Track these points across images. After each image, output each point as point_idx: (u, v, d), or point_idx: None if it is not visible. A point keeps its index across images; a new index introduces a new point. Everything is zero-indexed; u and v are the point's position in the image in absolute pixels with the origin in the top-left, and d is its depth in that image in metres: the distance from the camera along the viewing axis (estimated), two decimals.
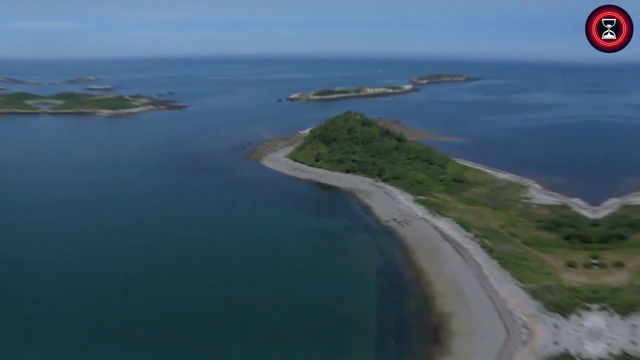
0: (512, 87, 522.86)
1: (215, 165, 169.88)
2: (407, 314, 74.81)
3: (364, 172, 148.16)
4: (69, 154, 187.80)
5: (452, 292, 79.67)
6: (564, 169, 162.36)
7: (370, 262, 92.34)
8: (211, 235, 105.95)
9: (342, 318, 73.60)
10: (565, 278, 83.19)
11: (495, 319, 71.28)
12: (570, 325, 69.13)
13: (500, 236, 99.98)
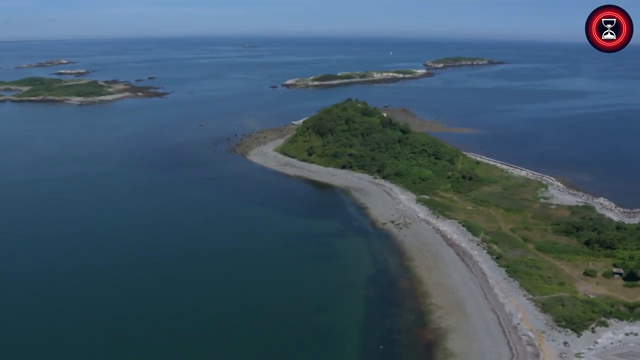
0: (541, 71, 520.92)
1: (195, 160, 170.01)
2: (398, 330, 74.31)
3: (362, 167, 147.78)
4: (28, 148, 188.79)
5: (452, 305, 79.21)
6: (592, 165, 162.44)
7: (361, 271, 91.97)
8: (182, 241, 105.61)
9: (322, 335, 73.26)
10: (582, 289, 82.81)
11: (498, 336, 70.77)
12: (582, 342, 68.59)
13: (511, 241, 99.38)
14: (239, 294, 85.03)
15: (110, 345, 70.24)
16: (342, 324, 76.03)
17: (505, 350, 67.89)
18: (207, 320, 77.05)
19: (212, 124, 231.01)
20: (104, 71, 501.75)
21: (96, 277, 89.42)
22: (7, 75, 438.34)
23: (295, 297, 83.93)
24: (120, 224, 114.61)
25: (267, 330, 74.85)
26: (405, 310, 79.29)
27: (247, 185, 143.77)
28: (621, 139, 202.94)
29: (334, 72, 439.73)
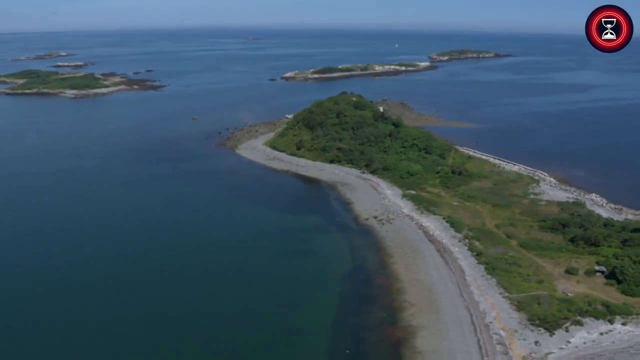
0: (548, 64, 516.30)
1: (184, 155, 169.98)
2: (368, 327, 73.85)
3: (350, 162, 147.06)
4: (18, 141, 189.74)
5: (425, 302, 78.65)
6: (589, 160, 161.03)
7: (338, 267, 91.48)
8: (160, 235, 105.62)
9: (291, 332, 72.97)
10: (561, 287, 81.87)
11: (468, 335, 70.14)
12: (554, 341, 67.86)
13: (494, 237, 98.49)
14: (211, 290, 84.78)
15: (80, 342, 70.49)
16: (313, 321, 75.66)
17: (474, 349, 67.28)
18: (174, 317, 76.91)
19: (205, 118, 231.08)
20: (103, 64, 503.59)
21: (72, 272, 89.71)
22: (5, 67, 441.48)
23: (268, 294, 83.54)
24: (101, 218, 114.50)
25: (236, 327, 74.64)
26: (378, 307, 78.86)
27: (232, 179, 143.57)
28: (622, 134, 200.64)
29: (336, 64, 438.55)
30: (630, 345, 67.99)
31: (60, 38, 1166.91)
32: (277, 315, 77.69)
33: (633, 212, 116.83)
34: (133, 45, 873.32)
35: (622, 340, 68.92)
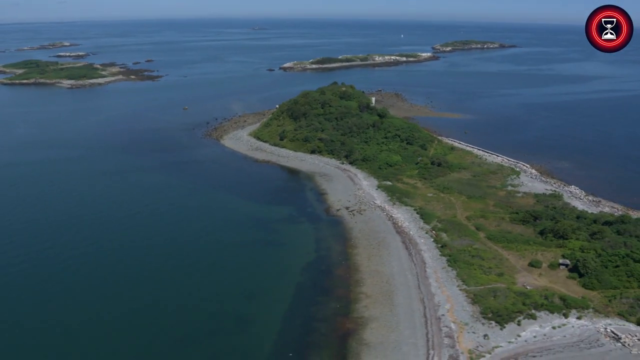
0: (552, 55, 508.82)
1: (169, 145, 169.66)
2: (320, 318, 73.21)
3: (331, 152, 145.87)
4: (7, 131, 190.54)
5: (381, 294, 77.80)
6: (576, 152, 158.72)
7: (301, 257, 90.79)
8: (129, 226, 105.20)
9: (243, 322, 72.60)
10: (522, 280, 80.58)
11: (418, 327, 69.24)
12: (503, 335, 66.74)
13: (462, 229, 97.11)
14: (171, 280, 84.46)
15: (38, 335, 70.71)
16: (266, 311, 75.22)
17: (422, 341, 66.40)
18: (129, 305, 76.88)
19: (196, 108, 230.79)
20: (105, 54, 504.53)
21: (37, 263, 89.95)
22: (8, 58, 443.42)
23: (228, 284, 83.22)
24: (74, 209, 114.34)
25: (190, 316, 74.35)
26: (334, 298, 78.14)
27: (213, 169, 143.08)
28: (615, 127, 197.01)
29: (340, 55, 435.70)
30: (582, 339, 66.75)
31: (67, 28, 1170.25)
32: (233, 304, 77.40)
33: (611, 205, 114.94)
34: (138, 36, 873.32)
35: (574, 334, 67.68)
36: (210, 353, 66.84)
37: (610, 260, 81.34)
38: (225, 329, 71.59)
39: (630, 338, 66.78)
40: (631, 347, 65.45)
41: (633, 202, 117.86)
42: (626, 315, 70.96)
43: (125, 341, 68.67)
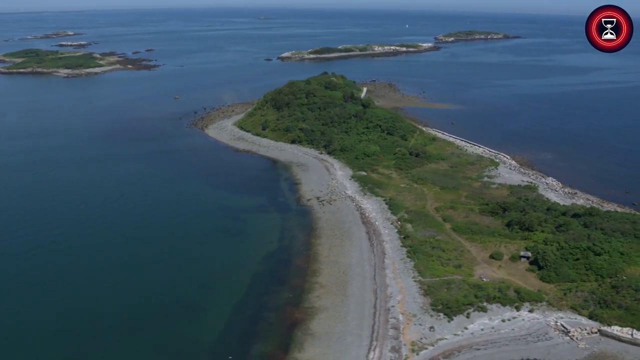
0: (556, 47, 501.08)
1: (154, 134, 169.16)
2: (271, 307, 72.66)
3: (311, 142, 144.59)
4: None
5: (335, 285, 76.94)
6: (561, 144, 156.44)
7: (263, 247, 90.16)
8: (100, 215, 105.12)
9: (194, 310, 72.28)
10: (480, 272, 79.35)
11: (366, 318, 68.35)
12: (450, 327, 65.70)
13: (428, 221, 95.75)
14: (130, 268, 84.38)
15: None
16: (219, 300, 74.84)
17: (367, 332, 65.54)
18: (85, 292, 76.83)
19: (187, 98, 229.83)
20: (107, 43, 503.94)
21: None
22: (11, 46, 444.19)
23: (186, 272, 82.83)
24: (46, 198, 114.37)
25: (143, 304, 74.26)
26: (288, 288, 77.50)
27: (191, 159, 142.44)
28: (605, 119, 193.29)
29: (342, 45, 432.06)
30: (530, 332, 65.58)
31: (73, 17, 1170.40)
32: (187, 293, 77.14)
33: (587, 197, 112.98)
34: (143, 25, 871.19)
35: (523, 327, 66.49)
36: (156, 341, 66.51)
37: (571, 253, 79.77)
38: (175, 318, 71.18)
39: (580, 332, 65.52)
40: (579, 341, 64.24)
41: (610, 194, 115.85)
42: (579, 309, 69.57)
43: (73, 329, 68.61)
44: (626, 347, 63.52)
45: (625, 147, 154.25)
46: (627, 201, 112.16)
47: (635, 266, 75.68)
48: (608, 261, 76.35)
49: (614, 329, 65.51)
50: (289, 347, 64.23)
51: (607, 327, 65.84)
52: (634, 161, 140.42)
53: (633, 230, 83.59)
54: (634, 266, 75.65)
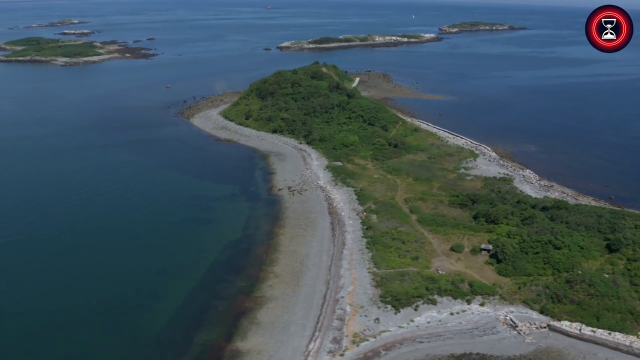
0: (561, 38, 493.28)
1: (140, 122, 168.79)
2: (223, 296, 72.30)
3: (292, 132, 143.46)
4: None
5: (291, 275, 76.26)
6: (547, 137, 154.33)
7: (226, 236, 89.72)
8: (70, 202, 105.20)
9: (147, 297, 72.23)
10: (437, 265, 78.25)
11: (314, 309, 67.59)
12: (396, 319, 64.81)
13: (395, 212, 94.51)
14: (92, 254, 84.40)
15: None
16: (174, 288, 74.62)
17: (311, 323, 64.83)
18: (41, 277, 76.92)
19: (180, 86, 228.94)
20: (110, 31, 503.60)
21: None
22: (15, 34, 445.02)
23: (146, 259, 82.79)
24: (25, 185, 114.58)
25: (98, 291, 74.15)
26: (243, 276, 77.06)
27: (172, 148, 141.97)
28: (597, 112, 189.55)
29: (345, 34, 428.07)
30: (477, 326, 64.56)
31: (81, 5, 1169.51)
32: (143, 280, 77.15)
33: (562, 190, 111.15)
34: (149, 14, 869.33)
35: (471, 321, 65.46)
36: (105, 327, 66.42)
37: (531, 247, 78.38)
38: (127, 304, 71.23)
39: (528, 326, 64.38)
40: (526, 336, 63.14)
41: (588, 187, 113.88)
42: (531, 303, 68.41)
43: (24, 315, 68.67)
44: (573, 342, 62.47)
45: (613, 141, 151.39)
46: (604, 194, 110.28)
47: (593, 260, 74.29)
48: (566, 255, 74.93)
49: (563, 324, 64.41)
50: (232, 336, 63.86)
51: (557, 322, 64.76)
52: (618, 155, 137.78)
53: (597, 224, 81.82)
54: (592, 260, 74.27)
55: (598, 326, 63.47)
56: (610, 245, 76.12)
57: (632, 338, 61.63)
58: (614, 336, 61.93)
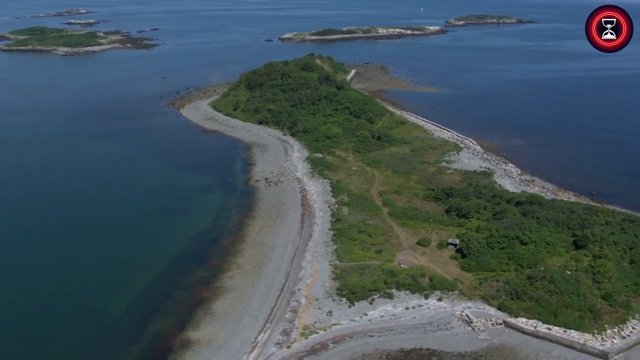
0: (567, 32, 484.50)
1: (130, 113, 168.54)
2: (183, 286, 72.13)
3: (277, 124, 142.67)
4: None
5: (253, 266, 75.84)
6: (538, 131, 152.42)
7: (195, 226, 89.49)
8: (49, 189, 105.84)
9: (108, 285, 72.30)
10: (401, 258, 77.41)
11: (269, 300, 67.10)
12: (349, 313, 64.15)
13: (367, 204, 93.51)
14: (58, 242, 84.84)
15: None
16: (136, 277, 74.61)
17: (264, 314, 64.46)
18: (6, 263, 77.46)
19: (175, 77, 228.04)
20: (115, 22, 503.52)
21: None
22: (21, 24, 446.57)
23: (111, 249, 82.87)
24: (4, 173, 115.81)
25: (60, 279, 74.57)
26: (206, 267, 76.83)
27: (157, 138, 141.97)
28: (591, 106, 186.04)
29: (350, 26, 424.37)
30: (432, 321, 63.71)
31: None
32: (107, 269, 77.10)
33: (543, 185, 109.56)
34: (157, 4, 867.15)
35: (426, 316, 64.63)
36: (61, 314, 66.74)
37: (498, 242, 77.12)
38: (87, 293, 71.35)
39: (483, 323, 63.39)
40: (480, 332, 62.21)
41: (572, 182, 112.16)
42: (489, 299, 67.34)
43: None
44: (528, 339, 61.45)
45: (604, 136, 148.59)
46: (586, 190, 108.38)
47: (558, 257, 72.97)
48: (531, 251, 73.65)
49: (519, 320, 63.35)
50: (185, 326, 63.71)
51: (513, 319, 63.69)
52: (607, 150, 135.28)
53: (567, 220, 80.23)
54: (556, 257, 72.95)
55: (555, 323, 62.38)
56: (577, 242, 74.72)
57: (587, 336, 60.55)
58: (569, 334, 60.85)
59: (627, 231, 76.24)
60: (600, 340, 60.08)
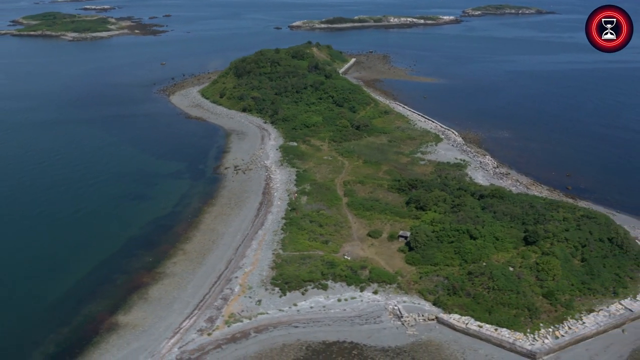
0: (584, 23, 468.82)
1: (121, 99, 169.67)
2: (126, 270, 72.58)
3: (260, 111, 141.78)
4: None
5: (198, 253, 75.72)
6: (527, 124, 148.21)
7: (155, 212, 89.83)
8: (22, 173, 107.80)
9: (54, 268, 73.26)
10: (347, 249, 76.31)
11: (204, 287, 66.93)
12: (278, 303, 63.48)
13: (327, 194, 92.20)
14: (16, 223, 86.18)
15: None
16: (83, 260, 75.43)
17: (196, 301, 64.41)
18: None
19: (174, 64, 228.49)
20: (130, 8, 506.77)
21: None
22: (38, 9, 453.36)
23: (66, 232, 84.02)
24: None
25: (7, 260, 75.94)
26: (153, 252, 77.07)
27: (141, 124, 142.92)
28: (589, 99, 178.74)
29: (371, 14, 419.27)
30: (361, 314, 62.72)
31: None
32: (56, 253, 78.14)
33: (518, 178, 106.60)
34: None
35: (356, 308, 63.61)
36: (1, 296, 67.70)
37: (448, 235, 75.23)
38: (31, 274, 72.47)
39: (414, 318, 61.99)
40: (408, 327, 60.87)
41: (550, 176, 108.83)
42: (425, 294, 65.81)
43: None
44: (458, 336, 59.94)
45: (594, 130, 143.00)
46: (562, 185, 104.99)
47: (504, 252, 70.81)
48: (478, 246, 71.60)
49: (452, 317, 61.80)
50: (117, 310, 64.21)
51: (445, 315, 62.13)
52: (593, 145, 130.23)
53: (522, 215, 77.67)
54: (502, 252, 70.80)
55: (489, 321, 60.70)
56: (527, 238, 72.31)
57: (518, 335, 58.71)
58: (500, 332, 59.13)
59: (582, 228, 73.36)
60: (530, 339, 58.22)
